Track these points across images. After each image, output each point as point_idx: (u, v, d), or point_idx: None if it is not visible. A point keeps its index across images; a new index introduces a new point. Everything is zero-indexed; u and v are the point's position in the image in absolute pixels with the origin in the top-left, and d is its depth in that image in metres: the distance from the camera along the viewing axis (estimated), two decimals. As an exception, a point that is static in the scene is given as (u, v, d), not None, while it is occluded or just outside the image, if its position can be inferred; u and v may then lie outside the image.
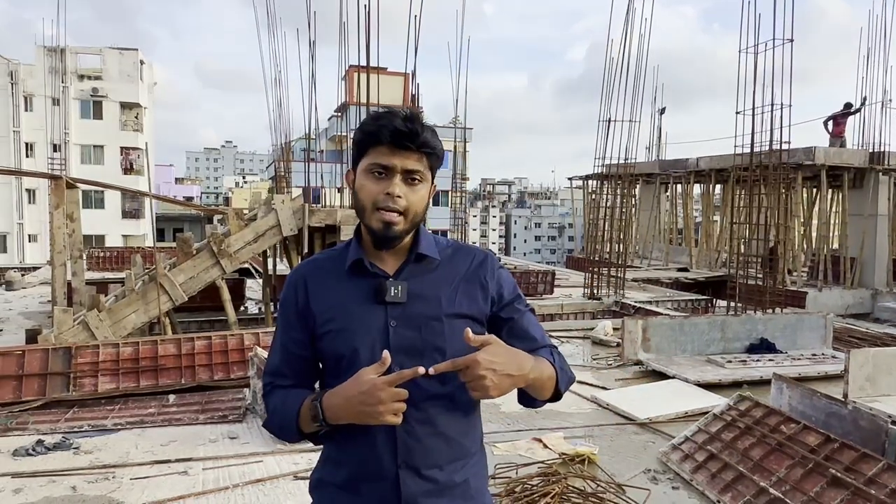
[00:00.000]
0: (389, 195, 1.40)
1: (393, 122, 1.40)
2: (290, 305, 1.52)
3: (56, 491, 3.93)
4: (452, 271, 1.51)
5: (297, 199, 10.79)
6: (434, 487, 1.43)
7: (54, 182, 10.18)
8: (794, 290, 14.77)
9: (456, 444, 1.47)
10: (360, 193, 1.44)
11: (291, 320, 1.52)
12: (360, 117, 13.03)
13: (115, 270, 17.84)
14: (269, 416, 1.52)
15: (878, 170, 15.74)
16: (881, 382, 5.72)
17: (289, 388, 1.52)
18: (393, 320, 1.44)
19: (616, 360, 7.64)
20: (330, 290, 1.49)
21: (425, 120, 1.50)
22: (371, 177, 1.42)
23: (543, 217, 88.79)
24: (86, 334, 8.65)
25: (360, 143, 1.45)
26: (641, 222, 22.38)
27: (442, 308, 1.46)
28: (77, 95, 34.92)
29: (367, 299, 1.46)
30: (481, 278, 1.52)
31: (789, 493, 3.62)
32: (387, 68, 22.05)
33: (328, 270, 1.52)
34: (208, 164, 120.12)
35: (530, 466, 4.33)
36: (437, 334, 1.45)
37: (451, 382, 1.45)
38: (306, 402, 1.43)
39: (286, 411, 1.46)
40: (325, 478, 1.52)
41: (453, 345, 1.44)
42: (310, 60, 13.77)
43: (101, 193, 34.45)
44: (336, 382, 1.44)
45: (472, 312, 1.49)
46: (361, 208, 1.45)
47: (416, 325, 1.44)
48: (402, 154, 1.40)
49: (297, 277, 1.54)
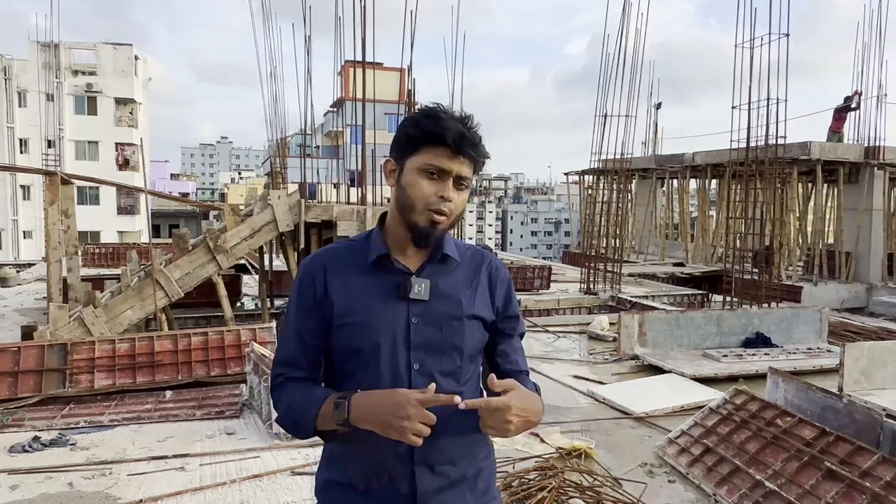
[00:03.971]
0: (443, 198, 1.41)
1: (458, 126, 1.39)
2: (308, 294, 1.48)
3: (53, 487, 3.92)
4: (469, 273, 1.54)
5: (293, 195, 10.76)
6: (447, 482, 1.45)
7: (49, 178, 10.13)
8: (789, 284, 14.82)
9: (468, 440, 1.48)
10: (411, 191, 1.42)
11: (308, 309, 1.48)
12: (356, 112, 13.02)
13: (110, 267, 17.80)
14: (286, 410, 1.47)
15: (873, 164, 15.79)
16: (876, 376, 5.75)
17: (303, 380, 1.49)
18: (415, 317, 1.44)
19: (613, 355, 7.66)
20: (351, 282, 1.47)
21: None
22: (425, 176, 1.41)
23: (540, 212, 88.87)
24: (82, 331, 8.62)
25: (416, 140, 1.41)
26: (637, 217, 22.41)
27: (462, 308, 1.48)
28: (71, 91, 34.72)
29: (390, 295, 1.45)
30: (493, 285, 1.56)
31: (785, 487, 3.64)
32: (382, 63, 21.99)
33: (349, 262, 1.49)
34: (204, 160, 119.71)
35: (527, 461, 4.34)
36: (456, 333, 1.47)
37: (466, 382, 1.50)
38: (330, 400, 1.39)
39: (306, 408, 1.42)
40: (333, 478, 1.50)
41: (470, 345, 1.49)
42: (305, 55, 13.70)
43: (96, 190, 34.31)
44: (348, 377, 1.45)
45: (485, 316, 1.53)
46: (410, 206, 1.42)
47: (437, 322, 1.45)
48: (459, 159, 1.41)
49: (315, 265, 1.50)
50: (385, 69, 27.33)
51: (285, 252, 11.22)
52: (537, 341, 8.59)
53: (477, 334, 1.51)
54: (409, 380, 1.43)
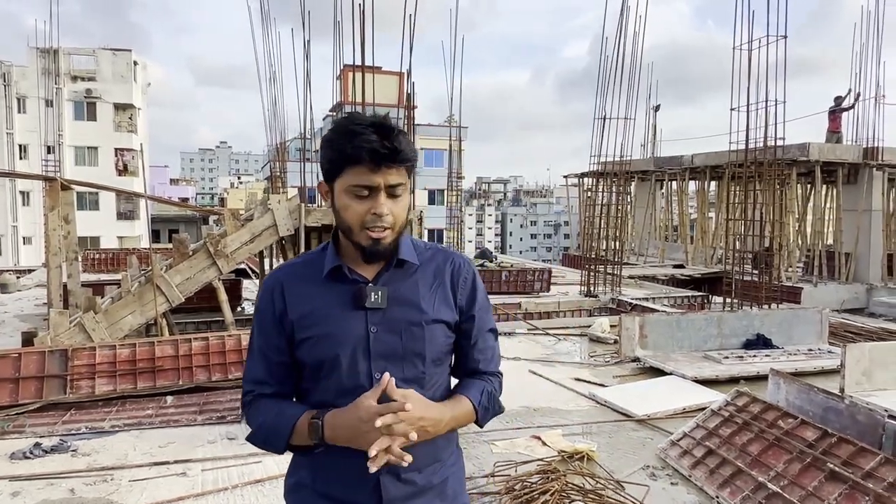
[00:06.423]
0: (377, 215, 1.39)
1: (370, 141, 1.34)
2: (267, 312, 1.49)
3: (54, 494, 3.91)
4: (430, 276, 1.52)
5: (293, 199, 10.77)
6: (413, 490, 1.46)
7: (48, 184, 10.12)
8: (789, 285, 14.82)
9: (434, 446, 1.48)
10: (345, 213, 1.40)
11: (268, 327, 1.49)
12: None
13: (110, 272, 17.78)
14: (257, 429, 1.47)
15: (871, 165, 15.81)
16: (877, 377, 5.75)
17: (272, 396, 1.50)
18: (373, 326, 1.44)
19: (613, 357, 7.66)
20: (308, 297, 1.46)
21: (397, 122, 1.47)
22: (354, 197, 1.38)
23: (539, 215, 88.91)
24: (82, 336, 8.61)
25: (336, 162, 1.39)
26: (637, 219, 22.43)
27: (422, 313, 1.47)
28: (70, 97, 34.79)
29: (347, 305, 1.44)
30: (455, 285, 1.54)
31: (787, 488, 3.64)
32: (381, 67, 22.01)
33: (305, 276, 1.49)
34: (203, 165, 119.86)
35: (529, 464, 4.34)
36: (417, 339, 1.46)
37: (432, 387, 1.49)
38: (304, 419, 1.41)
39: (278, 426, 1.43)
40: (302, 481, 1.51)
41: (433, 350, 1.48)
42: (305, 59, 13.73)
43: (95, 195, 34.32)
44: (316, 388, 1.46)
45: (447, 318, 1.51)
46: (347, 228, 1.42)
47: (396, 330, 1.45)
48: (383, 171, 1.36)
49: (273, 283, 1.50)
50: (384, 73, 27.34)
51: (286, 256, 11.22)
52: (538, 344, 8.59)
53: (440, 338, 1.49)
54: (370, 388, 1.42)
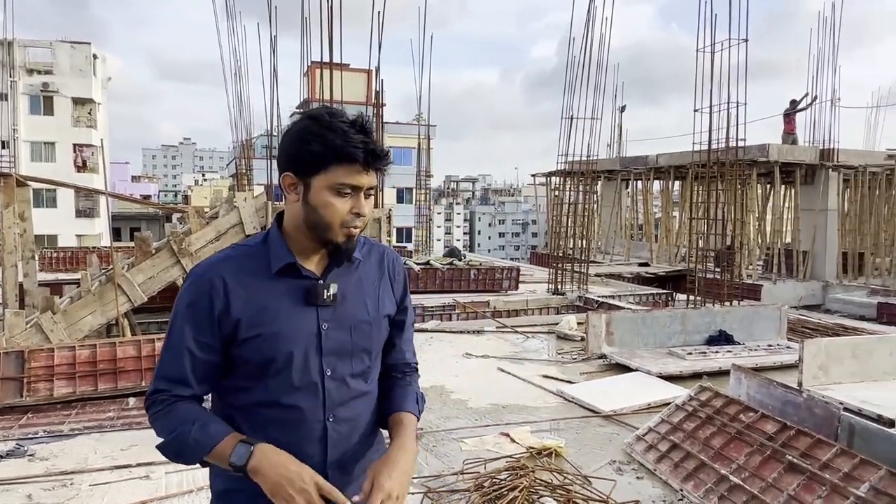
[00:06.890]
0: (359, 215, 1.40)
1: (362, 138, 1.36)
2: (202, 307, 1.39)
3: (10, 500, 3.79)
4: (372, 270, 1.55)
5: (259, 197, 10.62)
6: (351, 478, 1.49)
7: (3, 180, 9.79)
8: (750, 283, 15.21)
9: (369, 436, 1.54)
10: (325, 211, 1.37)
11: (201, 323, 1.39)
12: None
13: (69, 271, 17.24)
14: (172, 440, 1.38)
15: (828, 166, 16.32)
16: (833, 371, 5.94)
17: (191, 399, 1.43)
18: (325, 323, 1.44)
19: (581, 354, 7.75)
20: (256, 294, 1.41)
21: (371, 121, 1.48)
22: (337, 195, 1.37)
23: (507, 214, 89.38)
24: (39, 337, 8.36)
25: (323, 157, 1.35)
26: (603, 218, 22.71)
27: (369, 310, 1.50)
28: (26, 90, 33.66)
29: (298, 302, 1.43)
30: (393, 279, 1.59)
31: (748, 480, 3.73)
32: (349, 65, 21.84)
33: (249, 270, 1.42)
34: (166, 162, 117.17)
35: (498, 461, 4.37)
36: (365, 336, 1.50)
37: (371, 380, 1.54)
38: (229, 441, 1.35)
39: (200, 441, 1.36)
40: (234, 487, 1.42)
41: (377, 345, 1.54)
42: (271, 55, 13.55)
43: (53, 192, 33.31)
44: (257, 386, 1.42)
45: (391, 312, 1.57)
46: (325, 225, 1.39)
47: (346, 327, 1.47)
48: (370, 173, 1.40)
49: (212, 276, 1.40)
50: (352, 70, 27.12)
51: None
52: (506, 342, 8.64)
53: (384, 332, 1.56)
54: (322, 385, 1.43)
